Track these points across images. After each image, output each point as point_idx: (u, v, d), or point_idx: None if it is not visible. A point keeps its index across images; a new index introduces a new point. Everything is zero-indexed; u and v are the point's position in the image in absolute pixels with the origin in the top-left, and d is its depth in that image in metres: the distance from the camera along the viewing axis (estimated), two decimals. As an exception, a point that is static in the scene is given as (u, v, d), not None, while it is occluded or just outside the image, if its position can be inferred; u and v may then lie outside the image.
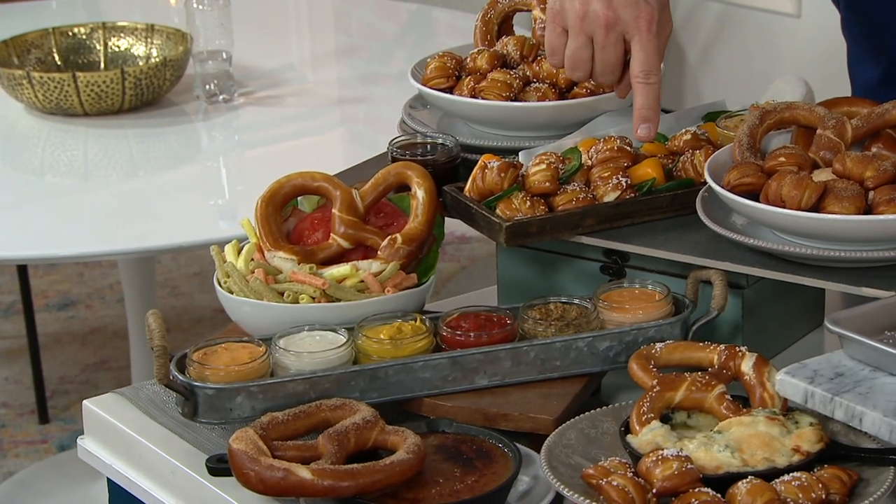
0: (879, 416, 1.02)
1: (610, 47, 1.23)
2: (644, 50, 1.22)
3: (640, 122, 1.25)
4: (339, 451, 1.08)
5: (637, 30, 1.22)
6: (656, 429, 1.09)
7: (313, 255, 1.26)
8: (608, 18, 1.22)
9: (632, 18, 1.22)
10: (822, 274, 1.17)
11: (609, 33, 1.22)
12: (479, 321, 1.21)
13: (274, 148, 2.28)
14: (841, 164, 1.19)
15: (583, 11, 1.22)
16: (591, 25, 1.23)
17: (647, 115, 1.24)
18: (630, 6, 1.21)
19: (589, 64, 1.25)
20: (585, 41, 1.24)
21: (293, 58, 2.63)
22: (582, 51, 1.24)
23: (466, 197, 1.30)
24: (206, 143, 2.31)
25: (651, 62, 1.23)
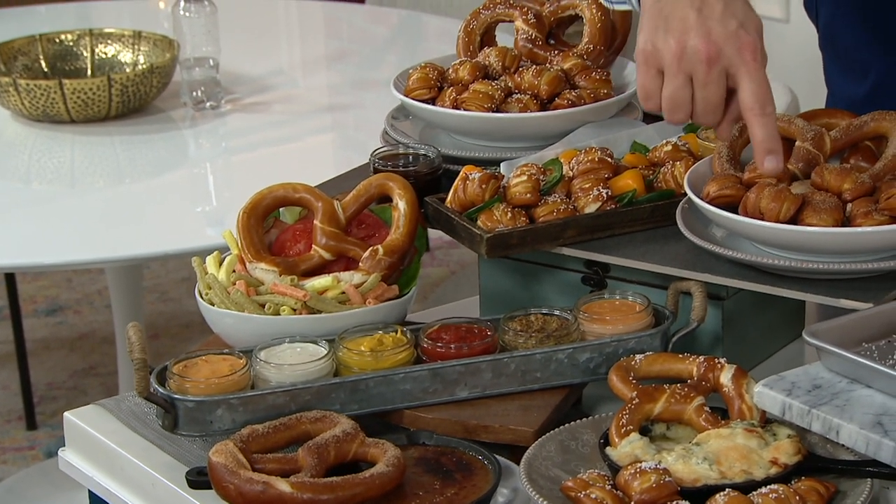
0: (856, 429, 1.03)
1: (713, 84, 1.12)
2: (754, 81, 1.12)
3: (766, 155, 1.14)
4: (318, 463, 1.09)
5: (742, 61, 1.12)
6: (635, 441, 1.10)
7: (295, 266, 1.26)
8: (710, 53, 1.11)
9: (735, 50, 1.12)
10: (801, 286, 1.18)
11: (711, 69, 1.12)
12: (459, 333, 1.21)
13: (261, 154, 2.28)
14: (819, 176, 1.19)
15: (680, 49, 1.12)
16: (691, 63, 1.12)
17: (770, 146, 1.13)
18: (731, 38, 1.12)
19: (690, 104, 1.14)
20: (685, 81, 1.13)
21: (283, 63, 2.63)
22: (681, 91, 1.13)
23: (448, 208, 1.31)
24: (193, 150, 2.31)
25: (763, 92, 1.13)
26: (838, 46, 1.39)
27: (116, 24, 2.60)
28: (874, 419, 1.03)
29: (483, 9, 1.47)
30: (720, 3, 1.12)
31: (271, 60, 2.59)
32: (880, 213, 1.15)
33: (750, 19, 1.13)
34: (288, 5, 3.18)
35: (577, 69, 1.42)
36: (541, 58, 1.44)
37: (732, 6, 1.12)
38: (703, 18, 1.12)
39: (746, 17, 1.13)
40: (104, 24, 2.63)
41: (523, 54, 1.44)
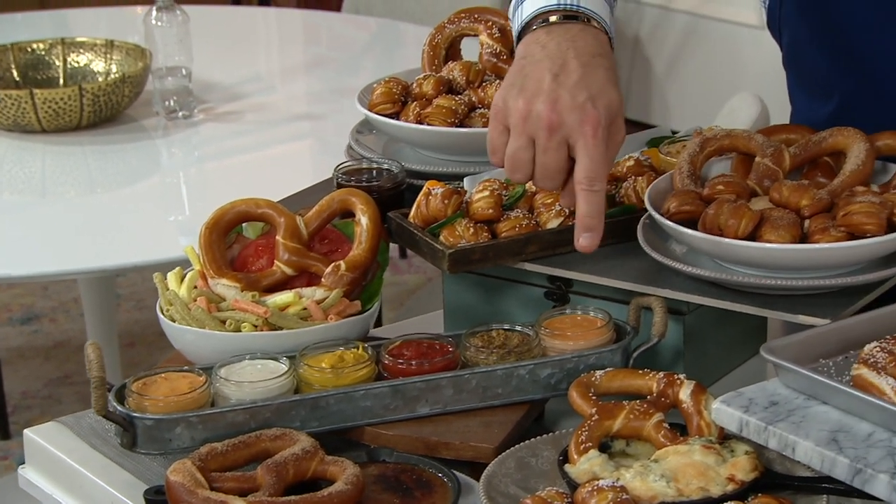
0: (811, 446, 1.03)
1: (552, 151, 1.13)
2: (589, 156, 1.12)
3: (583, 232, 1.15)
4: (277, 482, 1.08)
5: (582, 135, 1.12)
6: (594, 458, 1.10)
7: (257, 282, 1.26)
8: (551, 121, 1.12)
9: (576, 123, 1.12)
10: (760, 301, 1.18)
11: (552, 136, 1.12)
12: (421, 349, 1.22)
13: (234, 163, 2.28)
14: (778, 192, 1.20)
15: (526, 111, 1.13)
16: (534, 127, 1.13)
17: (589, 224, 1.15)
18: (575, 110, 1.12)
19: (530, 166, 1.15)
20: (527, 142, 1.14)
21: (257, 72, 2.63)
22: (523, 152, 1.14)
23: (410, 223, 1.31)
24: (165, 159, 2.30)
25: (596, 169, 1.13)
26: (802, 67, 1.39)
27: (94, 33, 2.59)
28: (829, 436, 1.03)
29: (448, 23, 1.47)
30: (578, 72, 1.12)
31: (245, 69, 2.59)
32: (837, 230, 1.15)
33: (604, 94, 1.12)
34: (266, 14, 3.18)
35: (540, 84, 1.41)
36: (505, 72, 1.44)
37: (589, 77, 1.12)
38: (556, 85, 1.12)
39: (600, 92, 1.12)
40: (81, 33, 2.63)
41: (488, 69, 1.44)
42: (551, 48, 1.14)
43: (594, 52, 1.14)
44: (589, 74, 1.12)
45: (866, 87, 1.32)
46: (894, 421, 1.02)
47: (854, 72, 1.32)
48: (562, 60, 1.13)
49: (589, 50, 1.14)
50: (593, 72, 1.13)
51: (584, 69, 1.13)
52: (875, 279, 1.17)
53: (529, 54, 1.15)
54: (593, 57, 1.13)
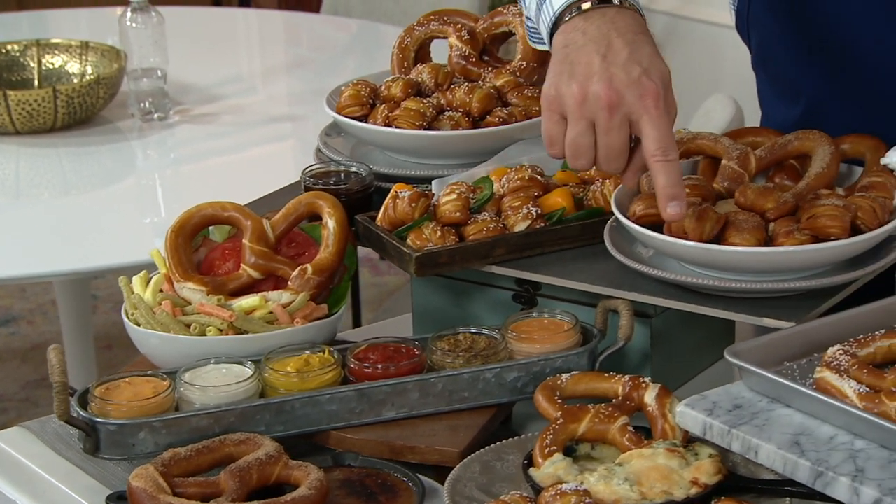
0: (774, 449, 1.03)
1: (614, 131, 1.11)
2: (656, 127, 1.10)
3: (668, 201, 1.12)
4: (240, 487, 1.08)
5: (644, 108, 1.10)
6: (558, 462, 1.10)
7: (223, 285, 1.26)
8: (611, 100, 1.10)
9: (636, 97, 1.10)
10: (725, 304, 1.18)
11: (613, 115, 1.10)
12: (387, 353, 1.21)
13: (210, 165, 2.27)
14: (742, 195, 1.20)
15: (582, 95, 1.11)
16: (593, 109, 1.11)
17: (672, 192, 1.11)
18: (633, 85, 1.10)
19: (592, 151, 1.13)
20: (587, 127, 1.12)
21: (240, 71, 2.62)
22: (583, 137, 1.12)
23: (378, 226, 1.30)
24: (140, 161, 2.29)
25: (666, 139, 1.10)
26: (770, 69, 1.39)
27: (74, 34, 2.58)
28: (792, 439, 1.03)
29: (417, 25, 1.47)
30: (626, 49, 1.11)
31: (223, 71, 2.59)
32: (802, 233, 1.15)
33: (655, 66, 1.12)
34: (247, 15, 3.17)
35: (509, 86, 1.42)
36: (474, 74, 1.44)
37: (638, 53, 1.11)
38: (607, 64, 1.11)
39: (651, 65, 1.11)
40: (60, 34, 2.61)
41: (457, 71, 1.44)
42: (592, 32, 1.13)
43: (636, 31, 1.13)
44: (637, 50, 1.12)
45: (834, 89, 1.33)
46: (856, 424, 1.02)
47: (822, 74, 1.33)
48: (606, 41, 1.12)
49: (630, 28, 1.13)
50: (640, 47, 1.12)
51: (631, 46, 1.12)
52: (840, 282, 1.17)
53: (571, 42, 1.14)
54: (636, 35, 1.13)
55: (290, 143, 2.36)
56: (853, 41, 1.30)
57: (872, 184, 1.19)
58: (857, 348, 1.09)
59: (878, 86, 1.30)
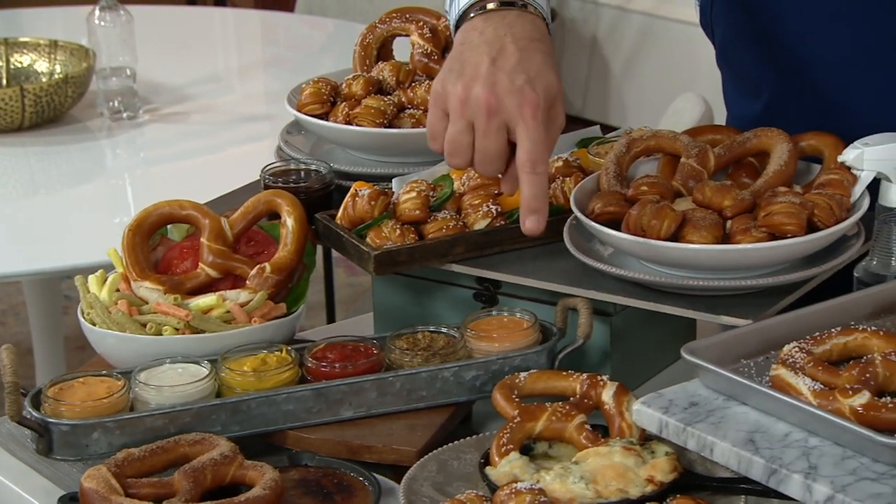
0: (729, 447, 1.03)
1: (491, 136, 1.11)
2: (530, 138, 1.11)
3: (528, 214, 1.13)
4: (194, 487, 1.07)
5: (521, 117, 1.10)
6: (514, 460, 1.09)
7: (181, 284, 1.25)
8: (490, 104, 1.10)
9: (515, 106, 1.10)
10: (683, 302, 1.18)
11: (491, 120, 1.11)
12: (345, 352, 1.21)
13: (180, 165, 2.26)
14: (701, 193, 1.19)
15: (464, 95, 1.11)
16: (473, 111, 1.12)
17: (534, 206, 1.13)
18: (514, 93, 1.10)
19: (469, 151, 1.13)
20: (466, 127, 1.12)
21: (213, 70, 2.61)
22: (462, 136, 1.12)
23: (337, 225, 1.30)
24: (110, 161, 2.28)
25: (537, 151, 1.11)
26: (733, 65, 1.39)
27: (48, 32, 2.56)
28: (747, 436, 1.03)
29: (379, 23, 1.47)
30: (516, 55, 1.11)
31: (195, 71, 2.57)
32: (759, 230, 1.15)
33: (542, 76, 1.11)
34: (224, 14, 3.16)
35: (470, 84, 1.41)
36: (436, 72, 1.42)
37: (527, 61, 1.11)
38: (495, 69, 1.11)
39: (539, 74, 1.11)
40: (34, 32, 2.59)
41: (419, 69, 1.43)
42: (489, 34, 1.13)
43: (532, 37, 1.13)
44: (527, 58, 1.12)
45: (793, 86, 1.33)
46: (810, 421, 1.02)
47: (781, 70, 1.33)
48: (500, 45, 1.12)
49: (527, 34, 1.13)
50: (531, 55, 1.12)
51: (522, 53, 1.12)
52: (797, 279, 1.17)
53: (468, 41, 1.14)
54: (531, 41, 1.13)
55: (266, 143, 2.35)
56: (809, 38, 1.30)
57: (830, 181, 1.19)
58: (813, 346, 1.09)
59: (834, 83, 1.30)
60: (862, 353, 1.08)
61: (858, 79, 1.29)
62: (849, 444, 1.00)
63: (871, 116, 1.27)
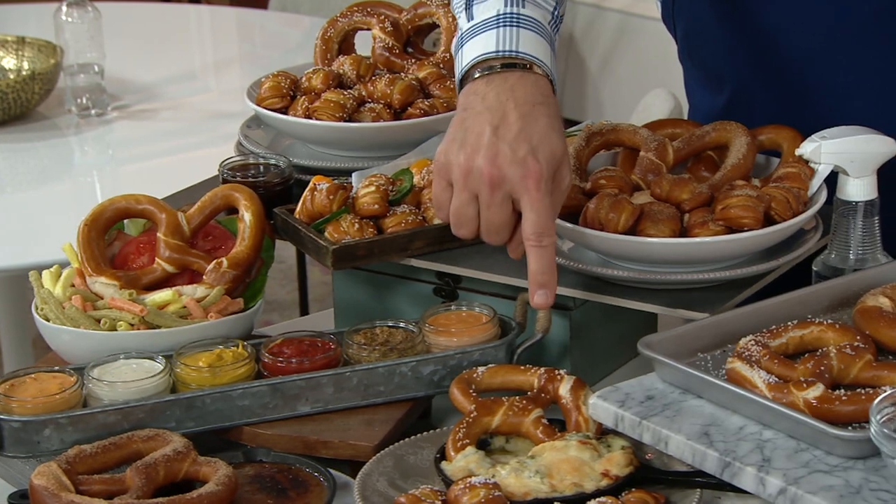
0: (683, 440, 1.02)
1: (496, 207, 1.10)
2: (535, 210, 1.09)
3: (537, 289, 1.11)
4: (146, 483, 1.06)
5: (525, 189, 1.09)
6: (470, 455, 1.09)
7: (137, 280, 1.24)
8: (493, 177, 1.09)
9: (518, 178, 1.09)
10: (641, 296, 1.18)
11: (495, 192, 1.10)
12: (302, 347, 1.20)
13: (149, 163, 2.24)
14: (658, 186, 1.19)
15: (467, 168, 1.10)
16: (476, 183, 1.10)
17: (542, 280, 1.11)
18: (516, 164, 1.09)
19: (475, 222, 1.12)
20: (470, 198, 1.11)
21: (186, 67, 2.59)
22: (467, 208, 1.11)
23: (295, 219, 1.29)
24: (78, 158, 2.26)
25: (543, 223, 1.10)
26: (695, 58, 1.39)
27: (18, 29, 2.54)
28: (701, 430, 1.03)
29: (340, 17, 1.46)
30: (518, 123, 1.10)
31: (168, 68, 2.55)
32: (716, 224, 1.15)
33: (545, 144, 1.10)
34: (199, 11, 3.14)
35: (431, 78, 1.41)
36: (397, 66, 1.43)
37: (530, 129, 1.10)
38: (496, 139, 1.10)
39: (541, 142, 1.10)
40: (5, 29, 2.57)
41: (380, 63, 1.43)
42: (490, 99, 1.12)
43: (534, 101, 1.11)
44: (529, 125, 1.10)
45: (757, 78, 1.32)
46: (764, 414, 1.02)
47: (745, 62, 1.32)
48: (502, 112, 1.11)
49: (529, 99, 1.11)
50: (534, 122, 1.10)
51: (524, 120, 1.10)
52: (755, 273, 1.17)
53: (470, 106, 1.13)
54: (534, 106, 1.11)
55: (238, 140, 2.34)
56: (774, 30, 1.29)
57: (787, 174, 1.19)
58: (770, 339, 1.08)
59: (797, 76, 1.29)
60: (818, 346, 1.08)
61: (823, 71, 1.28)
62: (803, 436, 1.00)
63: (833, 110, 1.27)
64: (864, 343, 1.06)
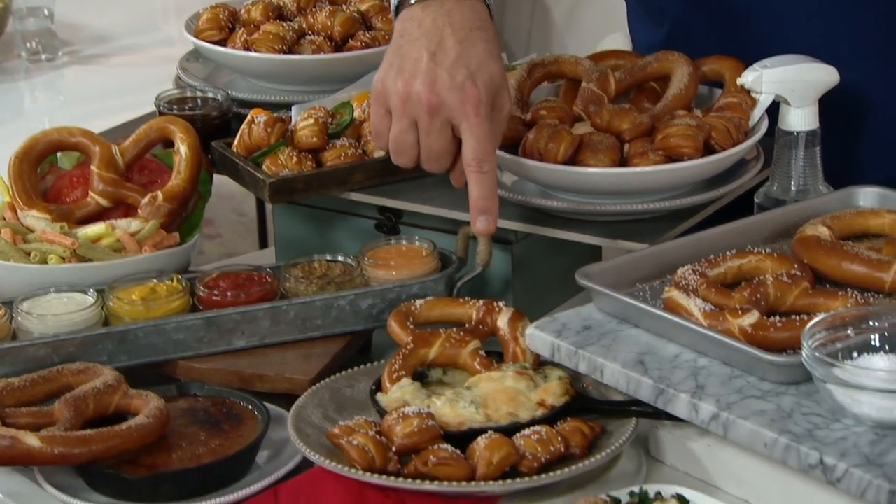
0: (618, 368, 1.01)
1: (435, 133, 1.09)
2: (474, 136, 1.08)
3: (479, 214, 1.11)
4: (75, 416, 1.04)
5: (464, 115, 1.08)
6: (406, 386, 1.07)
7: (70, 213, 1.21)
8: (431, 103, 1.08)
9: (457, 103, 1.08)
10: (580, 228, 1.16)
11: (433, 118, 1.08)
12: (238, 280, 1.18)
13: (101, 107, 2.21)
14: (598, 116, 1.17)
15: (405, 94, 1.08)
16: (414, 109, 1.09)
17: (484, 205, 1.10)
18: (455, 90, 1.07)
19: (414, 149, 1.11)
20: (409, 125, 1.10)
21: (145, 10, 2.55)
22: (406, 135, 1.10)
23: (233, 153, 1.26)
24: (28, 104, 2.22)
25: (483, 149, 1.08)
26: None
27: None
28: (637, 358, 1.02)
29: (281, -52, 1.43)
30: (456, 48, 1.08)
31: (115, 11, 2.51)
32: (656, 153, 1.14)
33: (483, 70, 1.08)
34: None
35: (374, 10, 1.38)
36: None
37: (468, 54, 1.08)
38: (434, 65, 1.08)
39: (479, 68, 1.08)
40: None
41: (321, -5, 1.40)
42: (427, 25, 1.10)
43: (472, 26, 1.10)
44: (467, 50, 1.08)
45: (698, 10, 1.30)
46: (699, 342, 1.01)
47: None
48: (439, 38, 1.09)
49: (466, 24, 1.10)
50: (472, 47, 1.09)
51: (462, 45, 1.08)
52: (695, 203, 1.16)
53: (406, 33, 1.11)
54: (471, 31, 1.09)
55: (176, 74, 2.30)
56: None
57: (729, 104, 1.17)
58: (708, 268, 1.07)
59: (738, 6, 1.28)
60: (756, 276, 1.07)
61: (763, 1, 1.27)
62: (737, 363, 0.99)
63: (774, 40, 1.25)
64: (802, 271, 1.05)
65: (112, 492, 1.02)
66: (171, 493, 1.01)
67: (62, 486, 1.02)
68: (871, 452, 0.89)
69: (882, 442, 0.89)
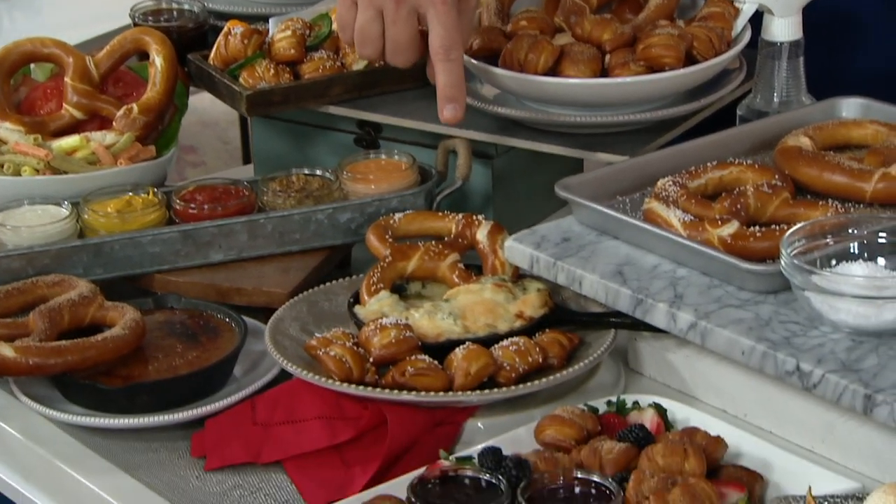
0: (597, 279, 1.01)
1: (401, 22, 1.08)
2: (441, 24, 1.07)
3: (446, 103, 1.10)
4: (50, 327, 1.04)
5: (431, 3, 1.06)
6: (384, 298, 1.07)
7: (44, 125, 1.20)
8: None
9: None
10: (562, 140, 1.15)
11: (400, 7, 1.07)
12: (215, 194, 1.17)
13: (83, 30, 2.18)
14: (580, 26, 1.15)
15: None
16: None
17: (451, 94, 1.09)
18: None
19: (380, 40, 1.10)
20: (375, 15, 1.09)
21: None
22: (371, 25, 1.09)
23: (210, 65, 1.24)
24: (7, 24, 2.19)
25: (450, 37, 1.07)
26: None
27: None
28: (616, 269, 1.01)
29: None
30: None
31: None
32: (637, 64, 1.12)
33: None
34: None
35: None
36: None
37: None
38: None
39: None
40: None
41: None
42: None
43: None
44: None
45: None
46: (679, 252, 1.00)
47: None
48: None
49: None
50: None
51: None
52: (677, 114, 1.14)
53: None
54: None
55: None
56: None
57: (711, 14, 1.15)
58: (688, 180, 1.06)
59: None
60: (737, 187, 1.06)
61: None
62: (716, 273, 0.98)
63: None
64: (782, 182, 1.04)
65: (88, 403, 1.02)
66: (148, 404, 1.01)
67: (37, 397, 1.02)
68: (847, 358, 0.88)
69: (858, 348, 0.89)
